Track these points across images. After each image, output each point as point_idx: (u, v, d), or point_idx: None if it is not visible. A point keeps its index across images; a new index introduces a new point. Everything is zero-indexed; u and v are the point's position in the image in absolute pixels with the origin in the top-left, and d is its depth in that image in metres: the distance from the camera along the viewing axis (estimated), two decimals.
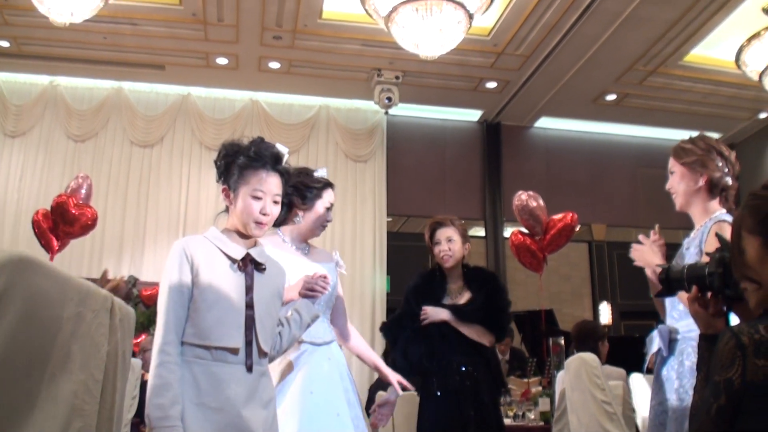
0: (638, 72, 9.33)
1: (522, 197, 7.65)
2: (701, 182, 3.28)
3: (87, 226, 7.61)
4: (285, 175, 2.94)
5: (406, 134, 10.55)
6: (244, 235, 2.83)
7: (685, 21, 8.14)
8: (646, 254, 3.21)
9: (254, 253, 2.82)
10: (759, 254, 1.91)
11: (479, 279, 4.49)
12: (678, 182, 3.33)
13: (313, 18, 7.84)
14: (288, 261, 3.29)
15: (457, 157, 10.67)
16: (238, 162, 2.83)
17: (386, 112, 9.83)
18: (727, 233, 3.03)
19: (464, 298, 4.43)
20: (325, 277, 3.25)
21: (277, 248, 3.49)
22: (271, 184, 2.83)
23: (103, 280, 6.10)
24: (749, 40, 7.96)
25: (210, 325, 2.60)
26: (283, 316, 3.02)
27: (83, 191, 7.67)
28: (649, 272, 3.15)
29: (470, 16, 6.79)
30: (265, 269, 2.85)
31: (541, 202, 7.67)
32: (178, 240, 2.75)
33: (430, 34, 6.77)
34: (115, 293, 5.53)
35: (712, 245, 2.83)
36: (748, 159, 11.36)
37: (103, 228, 9.02)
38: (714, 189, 3.29)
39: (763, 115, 10.70)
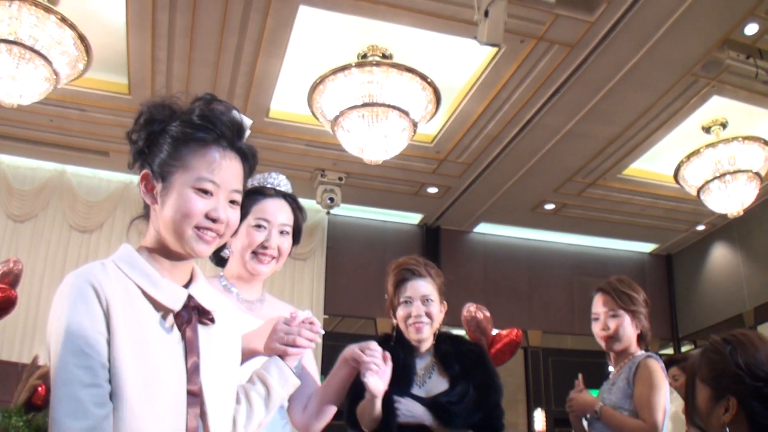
0: (577, 183, 9.52)
1: (471, 309, 7.64)
2: (638, 330, 3.70)
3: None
4: (250, 159, 2.01)
5: (346, 234, 10.56)
6: (174, 256, 1.90)
7: (626, 137, 8.36)
8: (584, 400, 3.68)
9: (197, 293, 1.91)
10: (707, 405, 1.98)
11: (461, 356, 3.28)
12: (624, 327, 3.78)
13: (260, 116, 7.89)
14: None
15: (396, 258, 10.52)
16: (169, 131, 1.89)
17: (328, 212, 9.88)
18: (657, 371, 3.41)
19: (438, 383, 3.22)
20: (312, 323, 2.24)
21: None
22: (228, 172, 1.91)
23: (32, 366, 5.94)
24: (689, 156, 8.24)
25: (135, 418, 1.68)
26: (239, 387, 2.06)
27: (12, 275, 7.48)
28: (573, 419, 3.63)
29: (415, 125, 6.92)
30: (213, 319, 1.94)
31: (487, 313, 7.70)
32: (77, 271, 1.79)
33: (375, 140, 6.88)
34: (44, 380, 5.38)
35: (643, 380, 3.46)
36: (684, 270, 11.61)
37: (36, 312, 8.79)
38: (643, 337, 3.73)
39: (700, 228, 10.92)
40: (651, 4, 6.21)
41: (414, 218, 10.82)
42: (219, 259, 2.90)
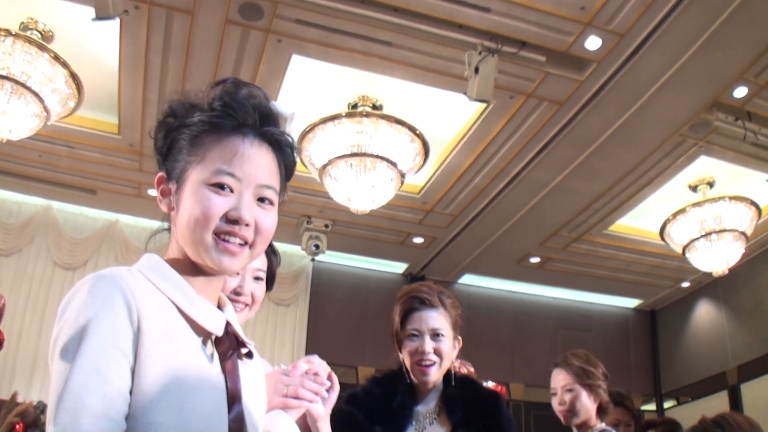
0: (563, 238, 9.53)
1: (455, 364, 7.58)
2: (597, 403, 3.68)
3: None
4: (286, 150, 1.67)
5: (330, 281, 10.53)
6: (201, 271, 1.57)
7: (612, 194, 8.39)
8: None
9: (231, 319, 1.62)
10: None
11: (467, 401, 2.87)
12: (581, 401, 3.77)
13: None
14: None
15: (380, 307, 10.46)
16: (187, 124, 1.58)
17: (313, 259, 9.85)
18: None
19: (436, 431, 2.84)
20: (316, 374, 2.01)
21: None
22: (253, 164, 1.56)
23: (11, 403, 5.86)
24: (675, 214, 8.26)
25: None
26: None
27: None
28: None
29: (402, 176, 6.94)
30: (251, 354, 1.64)
31: (471, 368, 7.63)
32: (102, 272, 1.43)
33: (363, 190, 6.88)
34: (22, 418, 5.29)
35: None
36: (668, 326, 11.60)
37: (17, 348, 8.69)
38: (603, 409, 3.70)
39: (685, 284, 10.92)
40: (640, 65, 6.28)
41: (399, 267, 10.80)
42: None
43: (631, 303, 11.84)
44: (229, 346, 1.55)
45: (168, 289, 1.49)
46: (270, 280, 2.64)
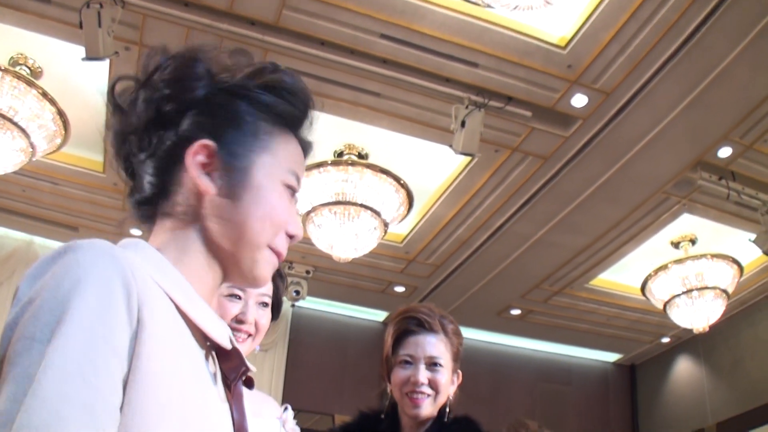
0: (544, 291, 9.52)
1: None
2: None
3: None
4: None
5: (310, 327, 10.44)
6: (206, 279, 1.25)
7: (594, 248, 8.41)
8: None
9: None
10: None
11: None
12: None
13: None
14: None
15: (358, 355, 10.53)
16: (243, 93, 1.27)
17: (293, 305, 9.81)
18: None
19: None
20: None
21: None
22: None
23: None
24: (656, 271, 8.27)
25: None
26: None
27: None
28: None
29: (386, 225, 6.94)
30: (251, 382, 1.30)
31: None
32: (97, 245, 1.06)
33: (346, 238, 6.88)
34: None
35: None
36: (648, 381, 11.57)
37: None
38: None
39: (665, 340, 10.89)
40: (626, 123, 6.34)
41: (379, 315, 10.72)
42: None
43: (611, 357, 11.80)
44: (239, 365, 1.23)
45: (166, 283, 1.13)
46: (276, 308, 2.39)
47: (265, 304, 2.26)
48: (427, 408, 2.52)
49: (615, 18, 5.38)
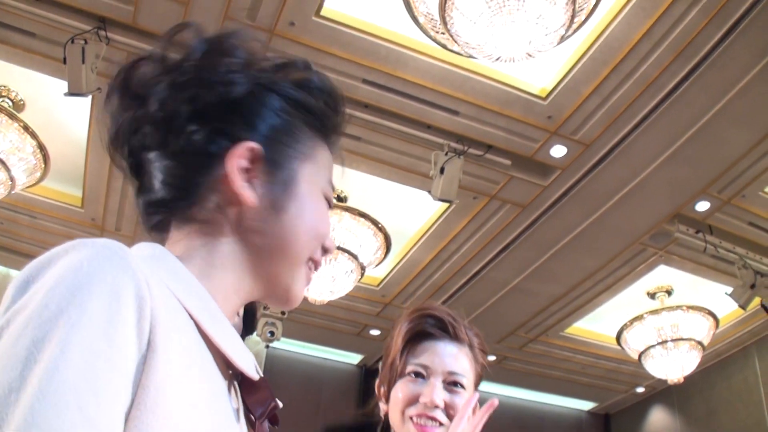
0: (519, 338, 9.51)
1: None
2: None
3: None
4: None
5: (284, 369, 10.35)
6: (232, 298, 1.11)
7: (570, 297, 8.43)
8: None
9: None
10: None
11: None
12: None
13: None
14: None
15: (332, 398, 10.48)
16: (282, 91, 1.14)
17: (267, 346, 9.75)
18: None
19: None
20: None
21: None
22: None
23: None
24: (632, 321, 8.28)
25: None
26: None
27: None
28: None
29: (363, 268, 6.93)
30: (276, 419, 1.15)
31: None
32: (105, 246, 0.86)
33: (322, 281, 6.87)
34: None
35: None
36: (623, 430, 11.54)
37: None
38: None
39: (640, 390, 10.91)
40: (604, 175, 6.39)
41: (354, 358, 10.69)
42: None
43: (586, 405, 11.79)
44: (267, 399, 1.06)
45: (188, 299, 0.96)
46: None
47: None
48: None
49: (596, 72, 5.45)
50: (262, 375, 1.09)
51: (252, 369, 1.05)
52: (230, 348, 0.99)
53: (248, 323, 2.03)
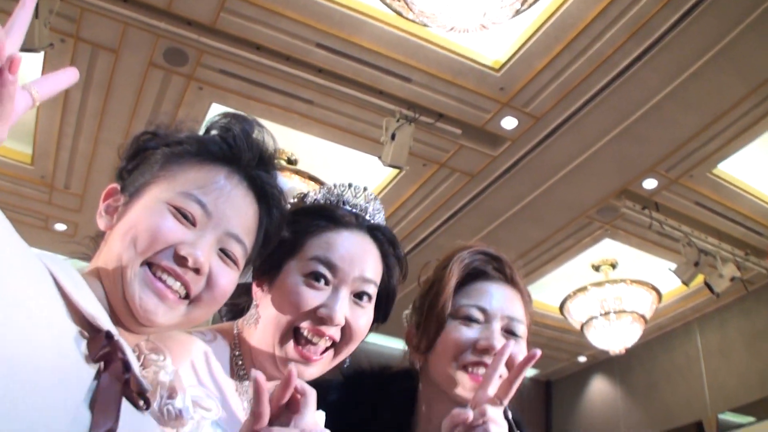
0: None
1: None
2: None
3: None
4: (272, 206, 1.38)
5: None
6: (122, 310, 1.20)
7: (515, 266, 8.45)
8: None
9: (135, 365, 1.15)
10: None
11: None
12: None
13: None
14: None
15: None
16: (172, 141, 1.32)
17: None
18: None
19: None
20: None
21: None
22: (230, 206, 1.28)
23: None
24: (575, 292, 8.43)
25: None
26: None
27: None
28: None
29: None
30: (147, 402, 1.14)
31: None
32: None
33: None
34: None
35: None
36: (563, 398, 11.72)
37: None
38: None
39: (582, 359, 11.12)
40: (553, 148, 6.47)
41: None
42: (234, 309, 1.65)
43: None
44: (104, 345, 1.05)
45: (53, 266, 1.09)
46: (388, 303, 1.75)
47: (367, 297, 1.57)
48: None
49: (550, 46, 5.49)
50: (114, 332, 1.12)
51: (101, 317, 1.11)
52: (79, 297, 1.08)
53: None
